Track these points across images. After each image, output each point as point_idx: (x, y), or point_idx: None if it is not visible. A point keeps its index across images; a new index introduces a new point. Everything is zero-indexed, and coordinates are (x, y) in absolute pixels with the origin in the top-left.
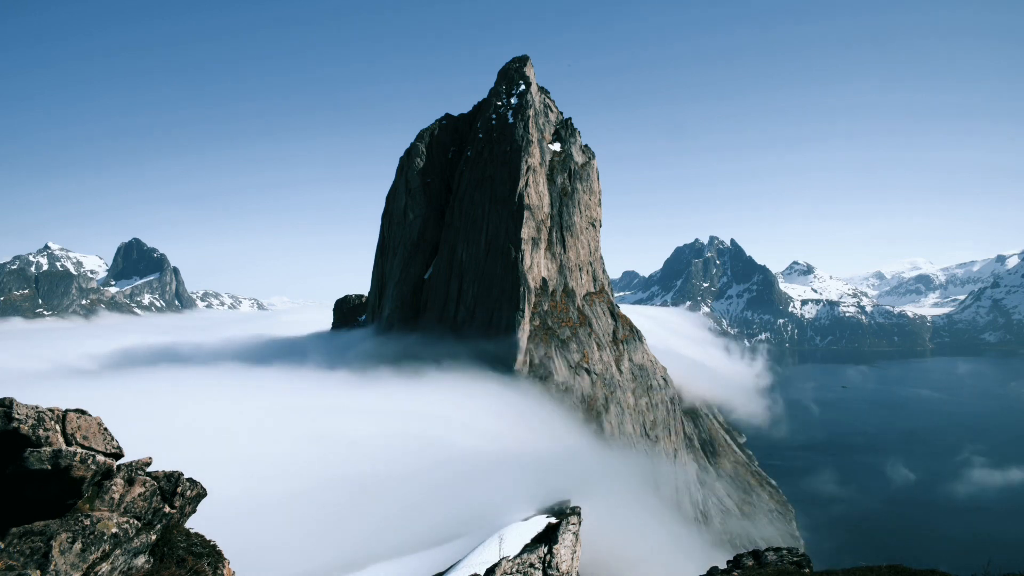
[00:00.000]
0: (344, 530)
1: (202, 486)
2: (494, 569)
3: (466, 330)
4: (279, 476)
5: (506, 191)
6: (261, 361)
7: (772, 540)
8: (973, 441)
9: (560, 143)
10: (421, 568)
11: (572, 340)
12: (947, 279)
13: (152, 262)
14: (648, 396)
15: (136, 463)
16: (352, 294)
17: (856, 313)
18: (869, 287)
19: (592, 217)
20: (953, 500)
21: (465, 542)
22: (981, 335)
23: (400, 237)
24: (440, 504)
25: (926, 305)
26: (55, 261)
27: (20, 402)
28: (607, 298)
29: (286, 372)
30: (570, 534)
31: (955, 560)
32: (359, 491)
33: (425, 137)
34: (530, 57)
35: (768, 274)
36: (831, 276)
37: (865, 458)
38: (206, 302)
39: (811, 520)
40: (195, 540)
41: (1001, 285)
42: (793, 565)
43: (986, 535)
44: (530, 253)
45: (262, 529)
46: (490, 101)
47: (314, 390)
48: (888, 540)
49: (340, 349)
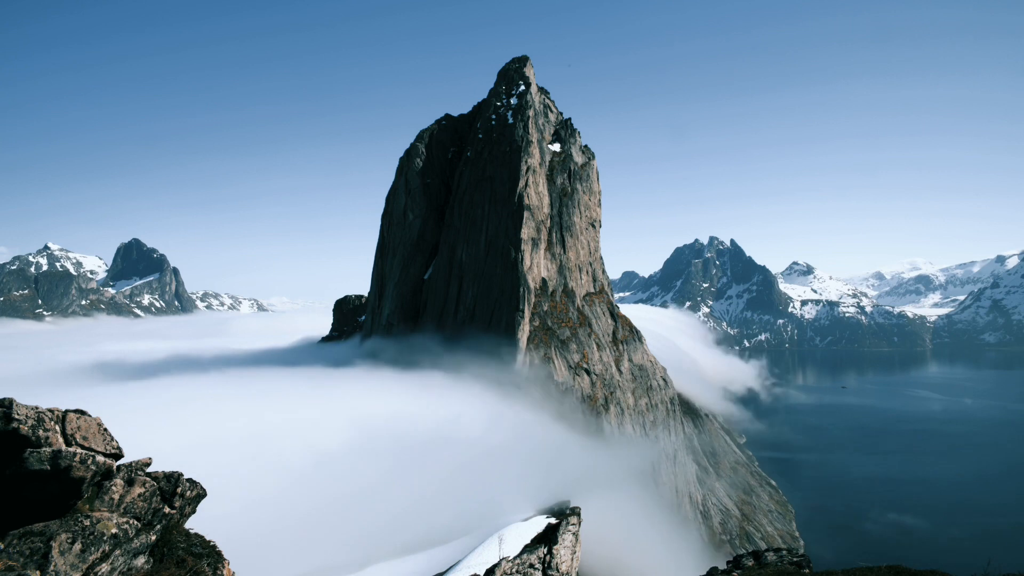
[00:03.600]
0: (344, 531)
1: (202, 486)
2: (494, 569)
3: (466, 330)
4: (279, 476)
5: (506, 191)
6: (261, 362)
7: (772, 540)
8: (973, 441)
9: (560, 143)
10: (421, 568)
11: (572, 340)
12: (947, 279)
13: (152, 262)
14: (648, 396)
15: (136, 463)
16: (352, 295)
17: (856, 313)
18: (869, 287)
19: (592, 217)
20: (953, 500)
21: (465, 542)
22: (981, 335)
23: (400, 237)
24: (440, 504)
25: (926, 305)
26: (55, 261)
27: (20, 402)
28: (607, 298)
29: (286, 373)
30: (570, 534)
31: (955, 560)
32: (359, 492)
33: (425, 137)
34: (530, 58)
35: (768, 274)
36: (831, 276)
37: (865, 458)
38: (206, 303)
39: (811, 520)
40: (195, 540)
41: (1001, 285)
42: (793, 565)
43: (986, 535)
44: (530, 253)
45: (262, 529)
46: (490, 101)
47: (314, 391)
48: (888, 540)
49: (339, 349)
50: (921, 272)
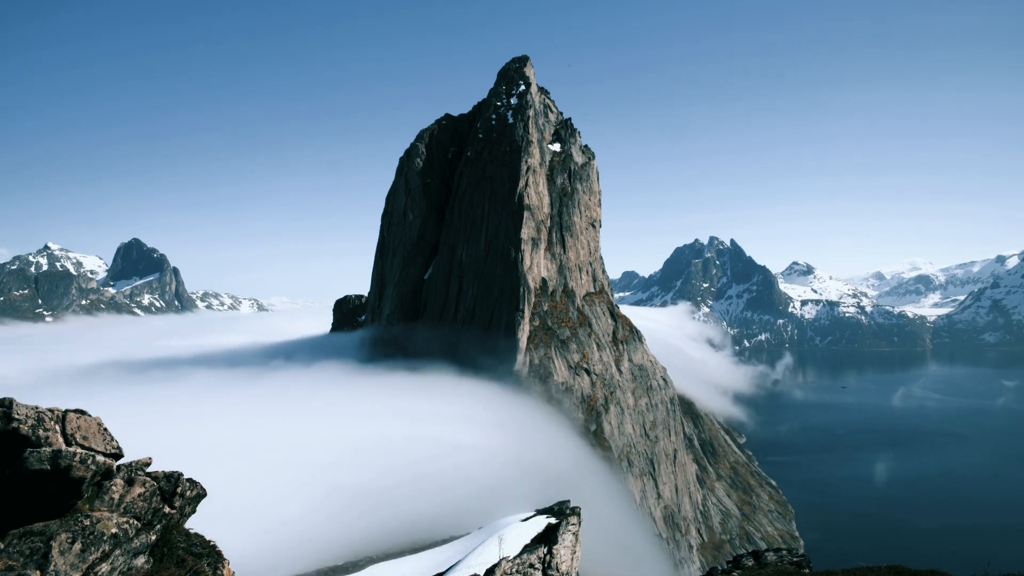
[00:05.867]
0: (343, 531)
1: (202, 486)
2: (494, 569)
3: (466, 330)
4: (279, 477)
5: (506, 191)
6: (261, 363)
7: (772, 540)
8: (972, 441)
9: (560, 143)
10: (421, 568)
11: (572, 340)
12: (947, 279)
13: (152, 262)
14: (648, 396)
15: (136, 463)
16: (352, 294)
17: (856, 313)
18: (869, 287)
19: (592, 217)
20: (953, 499)
21: (465, 542)
22: (981, 335)
23: (400, 237)
24: (440, 505)
25: (926, 305)
26: (55, 261)
27: (20, 402)
28: (607, 298)
29: (286, 374)
30: (570, 534)
31: (955, 560)
32: (359, 492)
33: (425, 137)
34: (530, 58)
35: (768, 274)
36: (831, 276)
37: (865, 458)
38: (206, 302)
39: (811, 520)
40: (195, 540)
41: (1001, 285)
42: (793, 565)
43: (986, 535)
44: (530, 253)
45: (262, 529)
46: (490, 101)
47: (314, 391)
48: (888, 540)
49: (339, 350)
50: (921, 272)
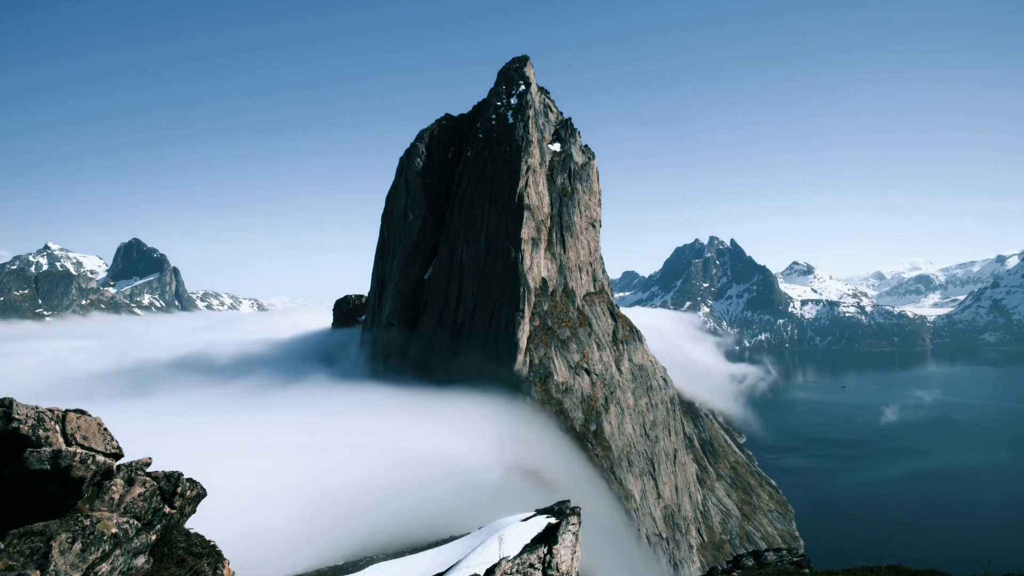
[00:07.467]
0: (343, 531)
1: (202, 486)
2: (494, 569)
3: (466, 330)
4: (279, 478)
5: (506, 191)
6: (260, 364)
7: (772, 540)
8: (973, 441)
9: (560, 143)
10: (420, 568)
11: (572, 340)
12: (947, 279)
13: (152, 262)
14: (648, 396)
15: (136, 463)
16: (352, 294)
17: (856, 313)
18: (869, 287)
19: (592, 217)
20: (953, 499)
21: (465, 542)
22: (981, 335)
23: (400, 237)
24: (439, 505)
25: (926, 305)
26: (55, 261)
27: (20, 402)
28: (607, 298)
29: (285, 374)
30: (570, 534)
31: (955, 560)
32: (359, 492)
33: (425, 137)
34: (530, 57)
35: (768, 274)
36: (831, 276)
37: (865, 458)
38: (206, 302)
39: (811, 520)
40: (195, 540)
41: (1001, 285)
42: (793, 565)
43: (986, 535)
44: (530, 253)
45: (262, 529)
46: (490, 101)
47: (313, 391)
48: (888, 540)
49: (339, 351)
50: (921, 272)
